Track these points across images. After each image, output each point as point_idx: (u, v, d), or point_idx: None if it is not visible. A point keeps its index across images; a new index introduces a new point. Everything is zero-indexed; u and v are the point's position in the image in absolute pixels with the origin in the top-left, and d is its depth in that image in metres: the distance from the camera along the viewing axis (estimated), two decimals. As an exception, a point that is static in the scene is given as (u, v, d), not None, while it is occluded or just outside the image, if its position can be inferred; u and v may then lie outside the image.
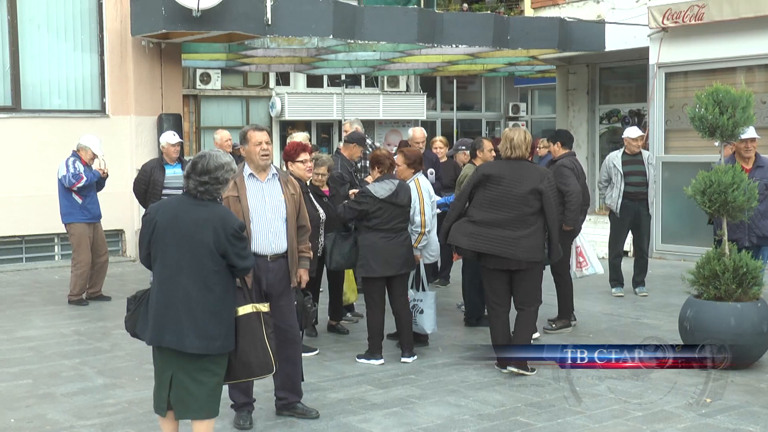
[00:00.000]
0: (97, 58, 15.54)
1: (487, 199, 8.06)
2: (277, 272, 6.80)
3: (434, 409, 7.22)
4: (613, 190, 11.80)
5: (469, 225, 8.12)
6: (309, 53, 19.26)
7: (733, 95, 8.18)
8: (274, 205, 6.80)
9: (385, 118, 28.39)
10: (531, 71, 23.92)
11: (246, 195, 6.72)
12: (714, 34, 14.79)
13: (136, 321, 5.83)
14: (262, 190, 6.80)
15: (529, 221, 8.03)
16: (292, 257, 6.90)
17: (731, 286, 8.09)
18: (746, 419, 6.91)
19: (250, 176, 6.80)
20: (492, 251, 8.02)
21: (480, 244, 8.06)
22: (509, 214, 7.99)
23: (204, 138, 25.87)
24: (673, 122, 15.64)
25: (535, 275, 8.27)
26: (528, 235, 8.02)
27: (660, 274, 13.55)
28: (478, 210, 8.09)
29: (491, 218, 8.01)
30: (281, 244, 6.81)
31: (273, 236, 6.77)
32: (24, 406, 7.36)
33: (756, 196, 8.25)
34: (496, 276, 8.21)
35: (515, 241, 7.98)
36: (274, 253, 6.78)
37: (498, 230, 7.99)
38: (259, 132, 6.84)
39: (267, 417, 7.00)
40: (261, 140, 6.78)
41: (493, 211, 8.01)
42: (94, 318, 10.78)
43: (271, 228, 6.76)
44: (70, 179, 11.33)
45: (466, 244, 8.14)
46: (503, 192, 8.01)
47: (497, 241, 7.98)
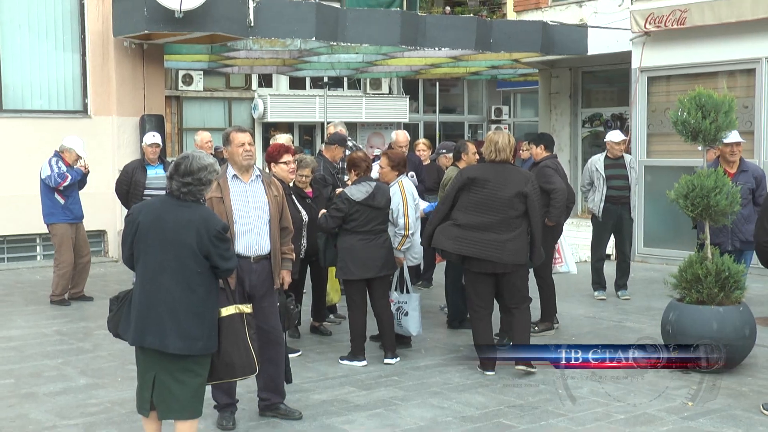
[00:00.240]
0: (79, 59, 15.49)
1: (472, 203, 8.06)
2: (260, 273, 6.79)
3: (417, 410, 7.22)
4: (596, 194, 11.83)
5: (455, 228, 8.12)
6: (291, 55, 19.25)
7: (716, 100, 8.20)
8: (258, 206, 6.79)
9: (367, 120, 28.43)
10: (514, 74, 23.99)
11: (229, 196, 6.71)
12: (696, 38, 14.86)
13: (119, 321, 5.81)
14: (245, 191, 6.78)
15: (514, 224, 8.05)
16: (275, 258, 6.89)
17: (714, 290, 8.11)
18: (728, 423, 6.93)
19: (234, 177, 6.78)
20: (478, 255, 8.03)
21: (465, 247, 8.06)
22: (495, 218, 8.00)
23: (186, 139, 25.83)
24: (655, 126, 15.71)
25: (521, 276, 8.33)
26: (513, 239, 8.04)
27: (642, 277, 13.60)
28: (463, 213, 8.09)
29: (477, 222, 8.01)
30: (264, 245, 6.80)
31: (256, 237, 6.75)
32: (6, 405, 7.32)
33: (738, 200, 8.26)
34: (480, 279, 8.22)
35: (501, 245, 7.99)
36: (257, 254, 6.76)
37: (483, 233, 7.99)
38: (242, 133, 6.83)
39: (250, 417, 6.98)
40: (243, 141, 6.76)
41: (478, 214, 8.02)
42: (77, 318, 10.74)
43: (255, 229, 6.75)
44: (56, 179, 11.28)
45: (452, 247, 8.14)
46: (488, 195, 8.02)
47: (483, 244, 7.99)
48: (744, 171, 9.43)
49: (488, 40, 16.83)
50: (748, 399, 7.49)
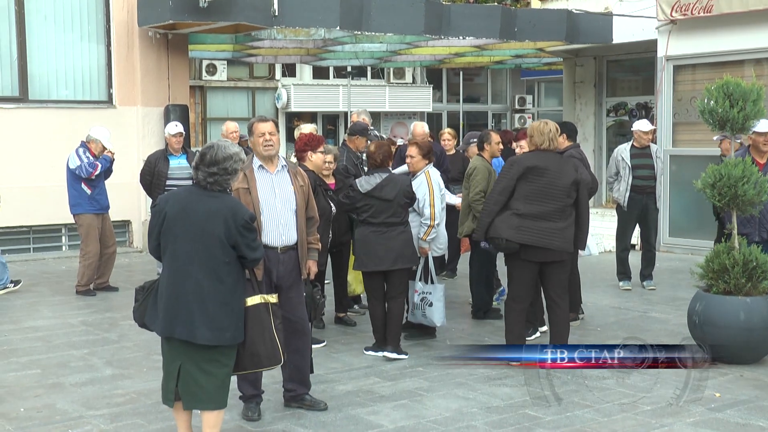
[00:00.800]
0: (103, 49, 15.54)
1: (532, 192, 7.94)
2: (287, 264, 6.78)
3: (442, 401, 7.21)
4: (621, 184, 11.76)
5: (515, 218, 7.96)
6: (315, 44, 19.24)
7: (744, 88, 8.13)
8: (284, 197, 6.77)
9: (391, 110, 28.39)
10: (538, 63, 23.88)
11: (256, 187, 6.69)
12: (723, 26, 14.73)
13: (145, 312, 5.83)
14: (271, 181, 6.77)
15: (567, 212, 8.02)
16: (302, 249, 6.88)
17: (741, 280, 8.05)
18: (756, 414, 6.89)
19: (260, 168, 6.77)
20: (538, 243, 7.92)
21: (527, 236, 7.93)
22: (554, 206, 7.93)
23: (210, 129, 25.87)
24: (681, 115, 15.60)
25: (568, 265, 8.32)
26: (568, 226, 8.03)
27: (667, 267, 13.52)
28: (523, 203, 7.95)
29: (537, 211, 7.90)
30: (291, 235, 6.79)
31: (283, 228, 6.74)
32: (33, 395, 7.36)
33: (766, 190, 8.18)
34: (529, 269, 8.11)
35: (559, 232, 7.95)
36: (284, 245, 6.75)
37: (541, 222, 7.91)
38: (264, 123, 6.80)
39: (275, 409, 6.99)
40: (264, 131, 6.73)
41: (539, 203, 7.91)
42: (102, 309, 10.78)
43: (281, 220, 6.74)
44: (87, 168, 11.32)
45: (514, 236, 7.95)
46: (548, 183, 7.93)
47: (542, 232, 7.90)
48: None
49: (512, 28, 16.75)
50: (775, 390, 7.44)
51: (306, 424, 6.70)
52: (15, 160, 14.54)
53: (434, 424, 6.69)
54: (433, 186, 8.90)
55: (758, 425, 6.67)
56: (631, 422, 6.75)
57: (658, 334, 9.40)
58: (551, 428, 6.63)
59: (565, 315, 8.26)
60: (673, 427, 6.65)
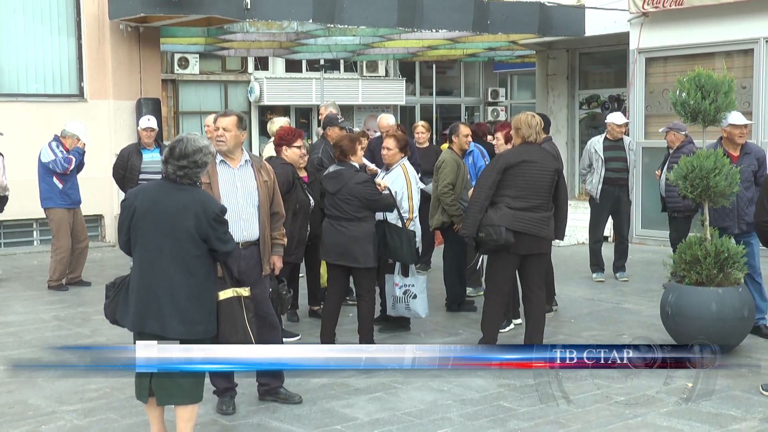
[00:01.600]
0: (74, 42, 15.44)
1: (520, 185, 7.90)
2: (249, 260, 6.72)
3: (417, 394, 7.21)
4: (594, 176, 11.80)
5: (508, 210, 7.89)
6: (288, 38, 19.19)
7: (716, 80, 8.16)
8: (246, 191, 6.71)
9: (364, 102, 28.33)
10: (511, 56, 23.91)
11: (217, 182, 6.62)
12: (694, 19, 14.82)
13: (116, 307, 5.78)
14: (233, 176, 6.71)
15: (550, 203, 8.06)
16: (264, 245, 6.82)
17: (713, 271, 8.09)
18: (728, 403, 6.93)
19: (222, 163, 6.69)
20: (533, 231, 7.91)
21: (523, 225, 7.89)
22: (542, 197, 7.94)
23: (182, 123, 25.74)
24: (653, 107, 15.68)
25: (548, 257, 8.37)
26: (552, 216, 8.06)
27: (640, 259, 13.59)
28: (513, 198, 7.91)
29: (528, 205, 7.88)
30: (253, 231, 6.73)
31: (244, 223, 6.68)
32: (5, 391, 7.30)
33: (738, 181, 8.22)
34: (512, 261, 8.06)
35: (547, 221, 7.98)
36: (245, 240, 6.68)
37: (531, 213, 7.91)
38: (222, 118, 6.73)
39: (250, 402, 6.97)
40: (219, 126, 6.67)
41: (529, 196, 7.89)
42: (74, 303, 10.72)
43: (243, 215, 6.67)
44: (63, 164, 11.25)
45: (512, 225, 7.86)
46: (536, 176, 7.92)
47: (533, 222, 7.90)
48: (747, 153, 9.27)
49: (486, 21, 16.76)
50: (747, 380, 7.48)
51: (281, 417, 6.69)
52: (-15, 155, 14.40)
53: (409, 417, 6.70)
54: (411, 179, 8.87)
55: (730, 414, 6.72)
56: (605, 413, 6.78)
57: (632, 326, 9.46)
58: (526, 419, 6.65)
59: (542, 307, 8.26)
60: (646, 417, 6.69)
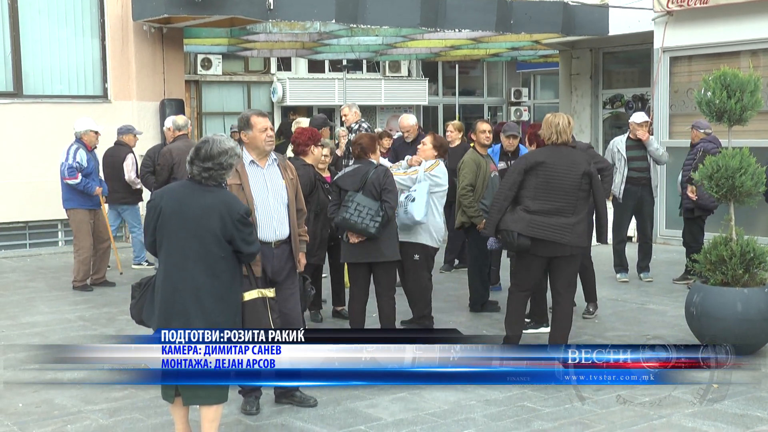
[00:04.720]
0: (98, 44, 15.50)
1: (540, 188, 7.81)
2: (281, 258, 6.77)
3: (441, 394, 7.19)
4: (616, 175, 11.76)
5: (525, 215, 7.83)
6: (311, 38, 19.22)
7: (741, 79, 8.11)
8: (276, 191, 6.76)
9: (386, 103, 28.34)
10: (534, 56, 23.87)
11: (249, 183, 6.65)
12: (719, 17, 14.72)
13: (142, 308, 5.82)
14: (263, 176, 6.74)
15: (579, 206, 7.88)
16: (294, 242, 6.87)
17: (738, 271, 8.04)
18: (753, 405, 6.89)
19: (251, 163, 6.73)
20: (550, 237, 7.79)
21: (539, 231, 7.79)
22: (563, 201, 7.80)
23: (205, 123, 25.82)
24: (677, 107, 15.59)
25: (577, 260, 8.19)
26: (580, 221, 7.89)
27: (664, 259, 13.52)
28: (532, 200, 7.83)
29: (547, 207, 7.77)
30: (284, 230, 6.78)
31: (276, 223, 6.73)
32: (31, 391, 7.34)
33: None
34: (538, 262, 7.99)
35: (570, 228, 7.80)
36: (277, 239, 6.74)
37: (552, 218, 7.77)
38: (263, 118, 6.78)
39: (274, 402, 6.97)
40: (266, 126, 6.72)
41: (548, 199, 7.78)
42: (99, 304, 10.76)
43: (275, 214, 6.72)
44: (64, 171, 11.31)
45: (527, 231, 7.80)
46: (556, 178, 7.80)
47: (552, 228, 7.77)
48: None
49: (509, 21, 16.73)
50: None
51: (305, 417, 6.69)
52: (9, 156, 14.51)
53: (433, 417, 6.69)
54: (427, 181, 8.84)
55: (756, 416, 6.68)
56: (629, 413, 6.75)
57: (656, 326, 9.41)
58: (550, 420, 6.63)
59: (569, 308, 8.17)
60: (671, 418, 6.66)
